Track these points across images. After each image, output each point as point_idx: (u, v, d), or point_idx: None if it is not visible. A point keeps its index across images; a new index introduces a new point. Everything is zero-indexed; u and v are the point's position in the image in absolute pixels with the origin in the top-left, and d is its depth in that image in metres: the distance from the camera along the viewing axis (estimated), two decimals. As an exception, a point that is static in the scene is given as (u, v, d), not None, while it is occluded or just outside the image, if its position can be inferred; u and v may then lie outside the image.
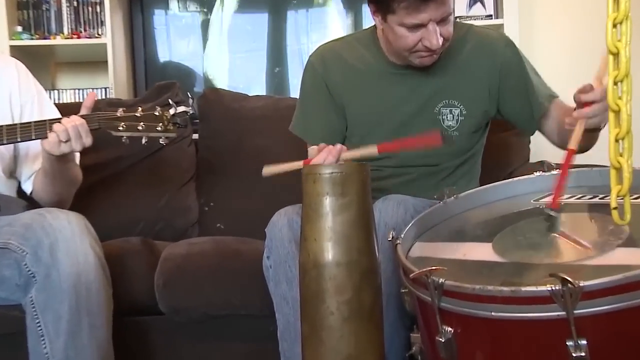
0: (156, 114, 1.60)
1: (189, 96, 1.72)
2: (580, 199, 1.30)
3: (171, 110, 1.60)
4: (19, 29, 2.70)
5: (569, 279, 0.89)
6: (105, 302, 1.48)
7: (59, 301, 1.41)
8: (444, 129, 1.68)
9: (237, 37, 2.92)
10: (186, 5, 2.91)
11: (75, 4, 2.74)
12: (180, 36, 2.93)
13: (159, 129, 1.59)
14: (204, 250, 1.81)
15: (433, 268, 1.04)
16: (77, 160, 1.73)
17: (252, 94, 2.47)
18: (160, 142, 1.62)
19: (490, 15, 2.66)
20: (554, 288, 0.91)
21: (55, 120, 1.55)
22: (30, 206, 1.67)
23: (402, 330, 1.44)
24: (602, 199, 1.26)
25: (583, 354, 0.91)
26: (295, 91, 2.53)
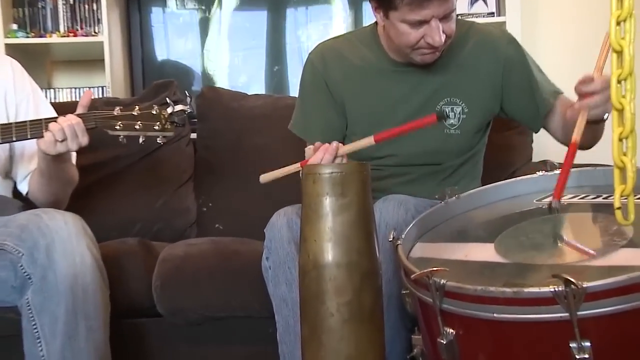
0: (154, 112, 1.60)
1: (187, 95, 1.71)
2: (583, 198, 1.30)
3: (169, 109, 1.61)
4: (15, 26, 2.70)
5: (572, 280, 0.89)
6: (102, 304, 1.48)
7: (56, 303, 1.41)
8: (446, 127, 1.68)
9: (236, 35, 2.92)
10: (184, 2, 2.91)
11: (71, 1, 2.74)
12: (178, 34, 2.93)
13: (157, 128, 1.59)
14: (203, 251, 1.81)
15: (434, 269, 1.04)
16: (74, 160, 1.73)
17: (251, 92, 2.48)
18: (158, 142, 1.62)
19: (493, 12, 2.67)
20: (557, 289, 0.91)
21: (51, 119, 1.56)
22: (26, 207, 1.67)
23: (403, 332, 1.44)
24: (606, 198, 1.26)
25: (587, 356, 0.91)
26: (294, 90, 2.53)
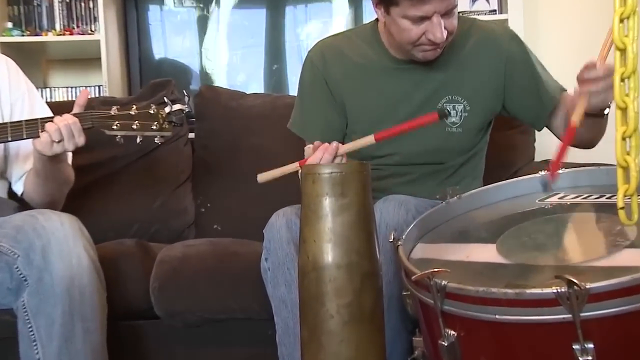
0: (151, 112, 1.60)
1: (185, 94, 1.71)
2: (586, 198, 1.30)
3: (166, 109, 1.61)
4: (10, 25, 2.70)
5: (575, 280, 0.89)
6: (99, 306, 1.48)
7: (52, 305, 1.41)
8: (448, 125, 1.68)
9: (235, 33, 2.92)
10: (182, 0, 2.91)
11: (67, -1, 2.75)
12: (175, 32, 2.93)
13: (154, 127, 1.59)
14: (201, 253, 1.81)
15: (435, 270, 1.04)
16: (70, 160, 1.73)
17: (250, 91, 2.48)
18: (156, 142, 1.62)
19: (494, 10, 2.67)
20: (559, 290, 0.91)
21: (47, 118, 1.56)
22: (22, 208, 1.67)
23: (404, 334, 1.44)
24: (609, 198, 1.26)
25: (590, 358, 0.91)
26: (294, 89, 2.53)
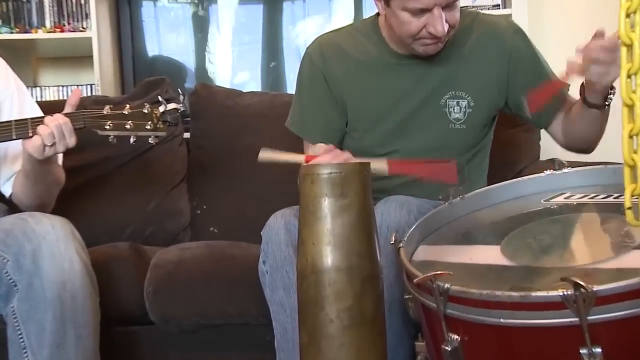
0: (145, 111, 1.60)
1: (180, 93, 1.71)
2: (593, 198, 1.30)
3: (161, 108, 1.60)
4: (-1, 22, 2.71)
5: (582, 283, 0.89)
6: (92, 312, 1.48)
7: (43, 311, 1.41)
8: (451, 121, 1.68)
9: (231, 30, 2.92)
10: (176, -4, 2.91)
11: (58, -5, 2.75)
12: (170, 29, 2.93)
13: (148, 127, 1.59)
14: (197, 256, 1.81)
15: (438, 273, 1.04)
16: (60, 161, 1.73)
17: (247, 89, 2.49)
18: (150, 142, 1.62)
19: (498, 5, 2.67)
20: (566, 293, 0.91)
21: (38, 118, 1.55)
22: (11, 210, 1.67)
23: (406, 339, 1.44)
24: (616, 198, 1.26)
25: (597, 362, 0.91)
26: (292, 87, 2.53)
